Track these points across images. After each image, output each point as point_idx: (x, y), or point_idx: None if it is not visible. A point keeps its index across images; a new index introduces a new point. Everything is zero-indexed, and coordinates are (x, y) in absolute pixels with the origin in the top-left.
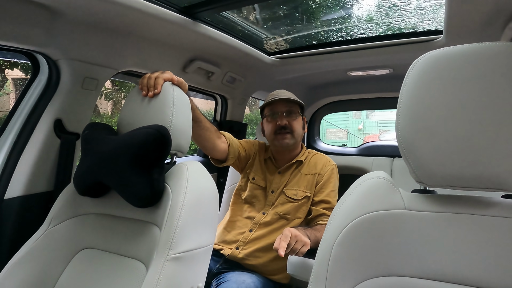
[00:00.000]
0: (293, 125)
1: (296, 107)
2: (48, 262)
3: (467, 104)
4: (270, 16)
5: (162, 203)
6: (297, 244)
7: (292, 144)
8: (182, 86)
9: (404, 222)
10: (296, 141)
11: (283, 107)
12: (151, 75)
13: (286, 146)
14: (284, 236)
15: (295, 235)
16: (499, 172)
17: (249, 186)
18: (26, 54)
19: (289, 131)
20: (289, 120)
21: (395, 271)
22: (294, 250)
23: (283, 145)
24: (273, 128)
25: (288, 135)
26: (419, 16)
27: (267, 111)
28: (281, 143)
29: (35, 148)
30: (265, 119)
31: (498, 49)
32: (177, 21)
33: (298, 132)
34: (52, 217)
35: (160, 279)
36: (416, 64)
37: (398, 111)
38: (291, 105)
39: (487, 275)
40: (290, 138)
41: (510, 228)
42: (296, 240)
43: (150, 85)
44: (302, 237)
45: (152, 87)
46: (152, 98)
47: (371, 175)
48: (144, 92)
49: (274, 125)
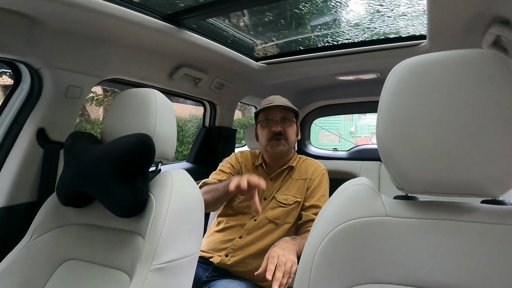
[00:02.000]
0: (287, 131)
1: (291, 114)
2: (31, 274)
3: (445, 111)
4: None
5: (146, 213)
6: (287, 264)
7: (286, 151)
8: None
9: (385, 229)
10: (289, 147)
11: (278, 113)
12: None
13: (279, 153)
14: (271, 258)
15: (282, 255)
16: (477, 178)
17: (240, 197)
18: (7, 63)
19: (283, 138)
20: (283, 126)
21: (377, 278)
22: (286, 272)
23: (277, 151)
24: (268, 134)
25: (282, 141)
26: (403, 21)
27: (262, 117)
28: (275, 149)
29: (18, 157)
30: (259, 125)
31: (475, 56)
32: (161, 28)
33: (291, 139)
34: (34, 228)
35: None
36: (394, 71)
37: (378, 117)
38: (286, 111)
39: (468, 281)
40: (284, 145)
41: (489, 234)
42: (285, 260)
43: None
44: (289, 255)
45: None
46: (135, 106)
47: (354, 182)
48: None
49: (268, 131)
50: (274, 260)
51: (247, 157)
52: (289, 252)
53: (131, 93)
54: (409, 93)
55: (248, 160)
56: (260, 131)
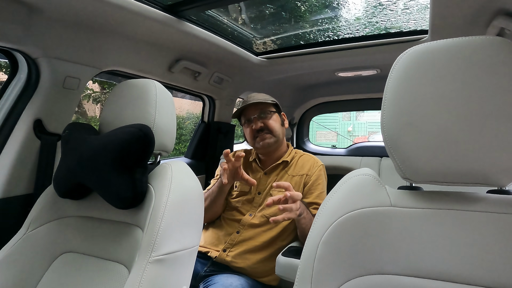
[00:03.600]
0: (269, 124)
1: (268, 106)
2: (27, 267)
3: (452, 99)
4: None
5: (145, 204)
6: (292, 205)
7: (274, 143)
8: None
9: (390, 219)
10: (277, 139)
11: (254, 111)
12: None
13: (268, 146)
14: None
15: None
16: (484, 167)
17: (234, 193)
18: (3, 52)
19: (266, 131)
20: (263, 121)
21: (381, 269)
22: (288, 209)
23: (265, 145)
24: (251, 133)
25: (267, 135)
26: (405, 15)
27: (242, 118)
28: (263, 144)
29: (14, 149)
30: (244, 127)
31: (482, 43)
32: (161, 19)
33: (276, 130)
34: (31, 220)
35: (142, 282)
36: (400, 60)
37: (383, 107)
38: (262, 106)
39: (474, 271)
40: (270, 137)
41: (496, 223)
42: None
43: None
44: (300, 210)
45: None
46: (134, 96)
47: (357, 172)
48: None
49: (250, 130)
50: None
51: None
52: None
53: (131, 84)
54: (415, 81)
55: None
56: (245, 132)
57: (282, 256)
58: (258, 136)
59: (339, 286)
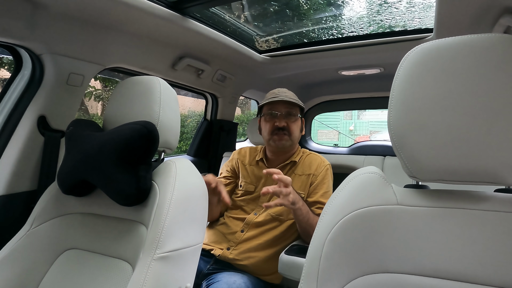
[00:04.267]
0: (291, 127)
1: (296, 109)
2: (31, 264)
3: (460, 97)
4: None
5: (149, 201)
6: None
7: (289, 146)
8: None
9: (396, 218)
10: (293, 143)
11: (282, 108)
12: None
13: (282, 148)
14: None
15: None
16: (492, 165)
17: (239, 192)
18: (7, 48)
19: (286, 133)
20: (287, 122)
21: (388, 267)
22: (278, 192)
23: (279, 146)
24: (271, 128)
25: (286, 136)
26: (410, 14)
27: (266, 110)
28: (277, 144)
29: (18, 145)
30: (263, 118)
31: (490, 40)
32: (165, 16)
33: (295, 134)
34: (35, 217)
35: (146, 279)
36: (408, 57)
37: (390, 105)
38: (291, 106)
39: (481, 270)
40: (287, 140)
41: (503, 222)
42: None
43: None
44: (291, 196)
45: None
46: (138, 93)
47: (363, 170)
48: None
49: (272, 125)
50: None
51: (245, 153)
52: (297, 200)
53: (135, 81)
54: (423, 78)
55: (246, 156)
56: (263, 125)
57: (285, 254)
58: (276, 134)
59: (345, 284)
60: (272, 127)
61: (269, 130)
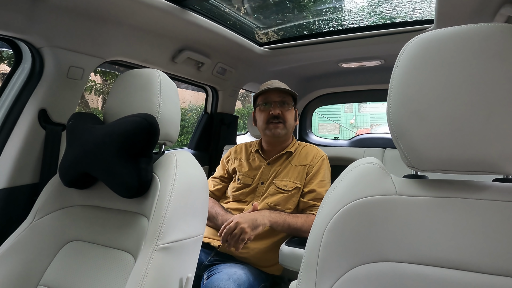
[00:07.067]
0: (285, 115)
1: (289, 98)
2: (34, 256)
3: (459, 86)
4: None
5: (150, 193)
6: (236, 231)
7: (284, 135)
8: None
9: (395, 207)
10: (287, 131)
11: (276, 97)
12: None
13: (277, 136)
14: (227, 223)
15: (236, 222)
16: (490, 155)
17: (236, 186)
18: (7, 41)
19: (281, 121)
20: (282, 110)
21: (386, 256)
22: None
23: (275, 134)
24: (266, 117)
25: (281, 124)
26: (410, 4)
27: (260, 100)
28: (273, 132)
29: (19, 139)
30: (258, 108)
31: (489, 30)
32: (165, 8)
33: (290, 122)
34: (37, 210)
35: (148, 269)
36: (407, 47)
37: (389, 95)
38: (284, 95)
39: (479, 259)
40: (282, 128)
41: (501, 211)
42: (235, 227)
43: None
44: (242, 224)
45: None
46: (139, 86)
47: (362, 161)
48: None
49: (266, 114)
50: (227, 227)
51: (241, 149)
52: (245, 221)
53: (135, 73)
54: (422, 68)
55: (242, 151)
56: (258, 115)
57: (286, 245)
58: (272, 123)
59: (344, 273)
60: (267, 116)
61: (264, 119)
